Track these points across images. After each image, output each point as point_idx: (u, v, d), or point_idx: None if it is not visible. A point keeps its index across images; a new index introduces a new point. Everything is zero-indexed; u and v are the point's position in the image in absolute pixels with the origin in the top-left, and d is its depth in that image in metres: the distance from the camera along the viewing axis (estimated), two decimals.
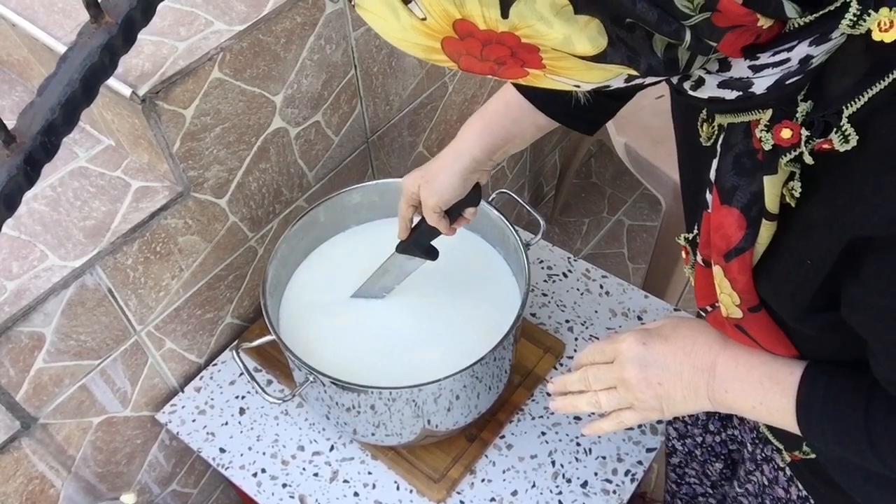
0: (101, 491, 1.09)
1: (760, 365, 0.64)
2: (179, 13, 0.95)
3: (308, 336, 1.01)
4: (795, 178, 0.50)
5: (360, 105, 1.19)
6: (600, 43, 0.39)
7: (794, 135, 0.47)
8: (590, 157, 2.38)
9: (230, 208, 1.05)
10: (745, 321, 0.61)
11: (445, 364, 0.94)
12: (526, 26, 0.38)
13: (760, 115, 0.49)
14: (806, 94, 0.47)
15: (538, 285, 1.21)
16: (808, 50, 0.43)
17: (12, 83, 1.07)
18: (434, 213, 0.89)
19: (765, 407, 0.64)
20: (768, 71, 0.45)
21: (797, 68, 0.44)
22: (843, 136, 0.44)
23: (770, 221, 0.52)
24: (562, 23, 0.38)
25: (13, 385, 0.89)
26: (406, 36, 0.42)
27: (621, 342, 0.72)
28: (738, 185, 0.53)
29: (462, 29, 0.40)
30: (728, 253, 0.56)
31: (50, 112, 0.66)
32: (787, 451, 0.78)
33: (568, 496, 0.98)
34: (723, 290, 0.60)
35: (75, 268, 0.88)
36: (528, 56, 0.41)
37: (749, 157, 0.52)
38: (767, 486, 0.87)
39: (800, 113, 0.47)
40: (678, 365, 0.69)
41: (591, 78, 0.43)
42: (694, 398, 0.69)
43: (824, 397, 0.60)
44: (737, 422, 0.97)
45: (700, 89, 0.49)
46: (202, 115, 0.93)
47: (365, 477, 1.02)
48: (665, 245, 1.72)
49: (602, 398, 0.74)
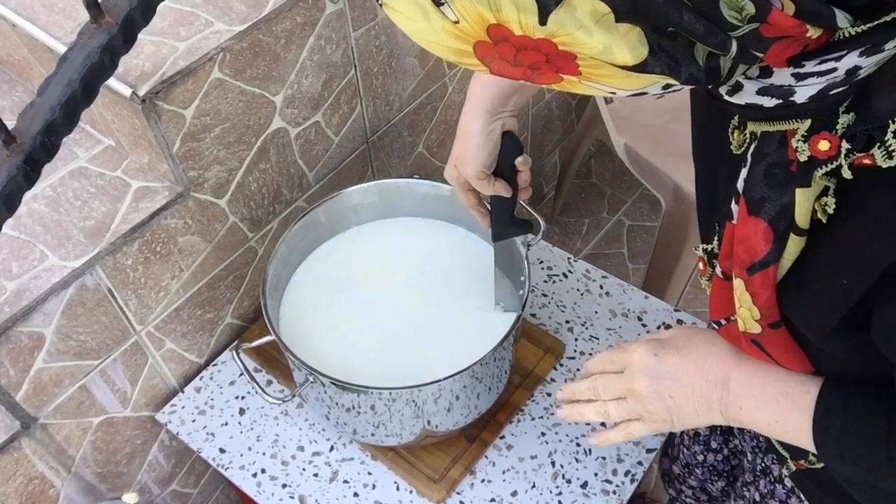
0: (101, 491, 1.09)
1: (776, 382, 0.63)
2: (179, 13, 0.95)
3: (308, 336, 1.01)
4: (830, 193, 0.48)
5: (360, 105, 1.19)
6: (641, 52, 0.38)
7: (832, 147, 0.46)
8: (590, 157, 2.38)
9: (230, 208, 1.05)
10: (763, 337, 0.59)
11: (445, 364, 0.94)
12: (565, 34, 0.37)
13: (798, 124, 0.47)
14: (849, 106, 0.45)
15: (538, 285, 1.21)
16: (857, 61, 0.41)
17: (12, 83, 1.07)
18: (481, 180, 0.85)
19: (780, 425, 0.63)
20: (812, 80, 0.43)
21: (843, 79, 0.43)
22: (887, 152, 0.43)
23: (799, 237, 0.50)
24: (602, 31, 0.37)
25: (13, 385, 0.89)
26: (437, 38, 0.41)
27: (632, 352, 0.71)
28: (767, 197, 0.51)
29: (496, 34, 0.38)
30: (752, 266, 0.54)
31: (50, 112, 0.66)
32: (792, 461, 0.77)
33: (568, 497, 0.98)
34: (742, 304, 0.58)
35: (75, 268, 0.88)
36: (563, 63, 0.40)
37: (782, 168, 0.50)
38: (760, 502, 0.86)
39: (840, 125, 0.45)
40: (690, 377, 0.67)
41: (628, 85, 0.42)
42: (706, 412, 0.67)
43: (842, 417, 0.59)
44: (737, 431, 0.96)
45: (737, 95, 0.47)
46: (202, 116, 0.93)
47: (365, 477, 1.02)
48: (665, 245, 1.72)
49: (611, 408, 0.73)
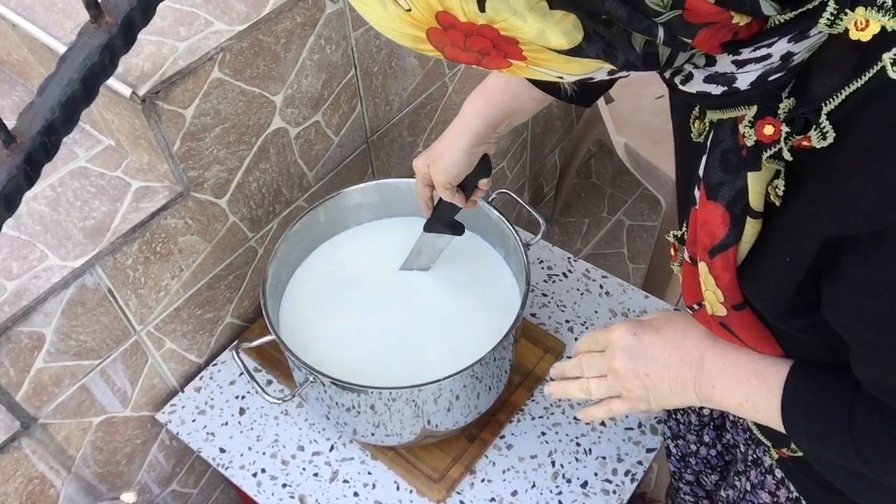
0: (101, 491, 1.09)
1: (748, 362, 0.65)
2: (179, 13, 0.95)
3: (308, 336, 1.01)
4: (780, 176, 0.50)
5: (360, 105, 1.20)
6: (575, 37, 0.40)
7: (775, 131, 0.48)
8: (590, 157, 2.38)
9: (230, 208, 1.05)
10: (730, 319, 0.61)
11: (445, 364, 0.94)
12: (501, 20, 0.39)
13: (746, 111, 0.50)
14: (790, 91, 0.47)
15: (538, 285, 1.21)
16: (788, 47, 0.43)
17: (12, 83, 1.07)
18: (446, 189, 0.91)
19: (751, 404, 0.65)
20: (751, 66, 0.45)
21: (779, 64, 0.45)
22: (821, 133, 0.45)
23: (755, 219, 0.53)
24: (536, 17, 0.39)
25: (13, 385, 0.89)
26: (393, 25, 0.43)
27: (613, 331, 0.74)
28: (723, 182, 0.53)
29: (444, 20, 0.40)
30: (712, 249, 0.56)
31: (50, 112, 0.66)
32: (774, 449, 0.78)
33: (568, 496, 0.98)
34: (707, 288, 0.60)
35: (75, 268, 0.88)
36: (508, 48, 0.42)
37: (735, 154, 0.52)
38: (749, 493, 0.87)
39: (782, 110, 0.47)
40: (666, 357, 0.70)
41: (572, 70, 0.44)
42: (681, 391, 0.69)
43: (808, 397, 0.61)
44: (729, 425, 0.97)
45: (688, 84, 0.49)
46: (202, 115, 0.93)
47: (365, 477, 1.02)
48: (665, 245, 1.72)
49: (593, 385, 0.76)
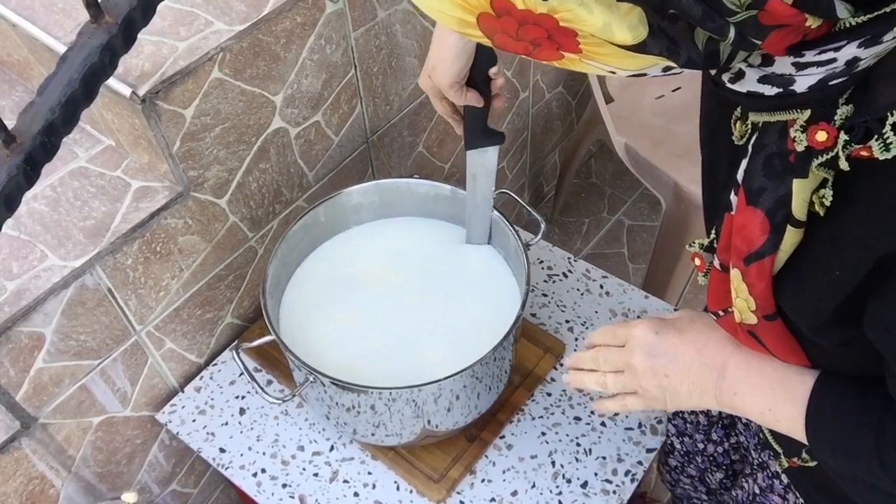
0: (101, 491, 1.09)
1: (772, 371, 0.63)
2: (179, 13, 0.95)
3: (308, 336, 1.01)
4: (828, 185, 0.48)
5: (360, 105, 1.19)
6: (640, 32, 0.39)
7: (829, 138, 0.46)
8: (590, 157, 2.38)
9: (230, 208, 1.05)
10: (759, 328, 0.59)
11: (445, 364, 0.94)
12: (566, 10, 0.37)
13: (798, 115, 0.47)
14: (848, 97, 0.45)
15: (538, 285, 1.21)
16: (856, 52, 0.41)
17: (12, 83, 1.07)
18: (454, 91, 0.88)
19: (773, 414, 0.63)
20: (812, 70, 0.43)
21: (843, 69, 0.42)
22: (885, 144, 0.42)
23: (796, 228, 0.50)
24: (603, 9, 0.37)
25: (13, 385, 0.89)
26: (443, 7, 0.41)
27: (634, 327, 0.72)
28: (765, 187, 0.51)
29: (499, 6, 0.39)
30: (748, 256, 0.54)
31: (50, 112, 0.66)
32: (785, 457, 0.77)
33: (568, 496, 0.98)
34: (739, 295, 0.58)
35: (75, 268, 0.88)
36: (564, 40, 0.40)
37: (781, 159, 0.50)
38: (759, 495, 0.86)
39: (839, 116, 0.45)
40: (688, 359, 0.68)
41: (628, 65, 0.42)
42: (699, 395, 0.68)
43: (835, 411, 0.59)
44: (741, 427, 0.96)
45: (739, 82, 0.47)
46: (202, 115, 0.93)
47: (365, 477, 1.02)
48: (665, 245, 1.72)
49: (609, 380, 0.75)
